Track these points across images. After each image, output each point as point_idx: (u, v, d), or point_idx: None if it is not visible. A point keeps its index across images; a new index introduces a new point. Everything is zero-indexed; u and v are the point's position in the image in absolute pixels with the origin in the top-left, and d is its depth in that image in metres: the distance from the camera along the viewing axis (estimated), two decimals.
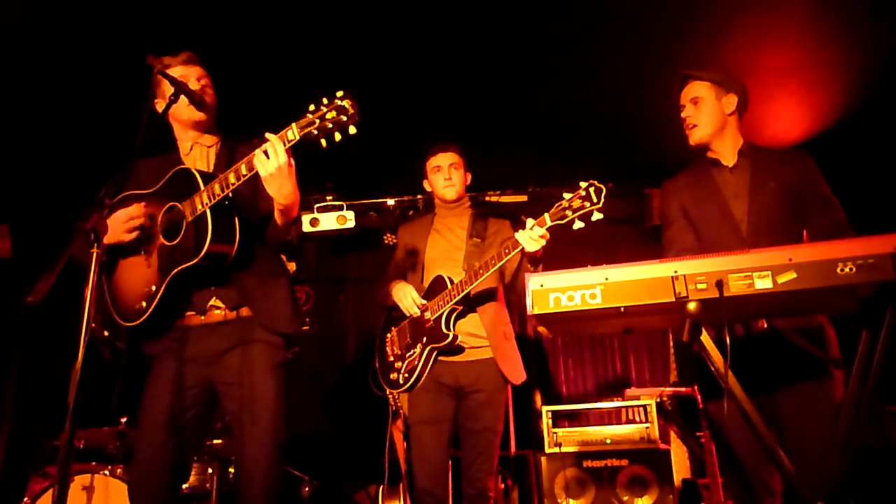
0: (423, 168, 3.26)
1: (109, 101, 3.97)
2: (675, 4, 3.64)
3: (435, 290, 2.97)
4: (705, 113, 2.48)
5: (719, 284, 1.59)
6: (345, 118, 1.99)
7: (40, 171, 5.00)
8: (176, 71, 2.35)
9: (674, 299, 1.62)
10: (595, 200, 2.44)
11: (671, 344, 5.24)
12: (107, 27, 3.61)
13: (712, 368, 1.76)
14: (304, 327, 5.89)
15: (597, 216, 2.43)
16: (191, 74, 2.38)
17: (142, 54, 2.27)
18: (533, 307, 1.66)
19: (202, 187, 2.16)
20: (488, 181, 5.67)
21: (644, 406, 4.34)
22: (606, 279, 1.65)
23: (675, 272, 1.63)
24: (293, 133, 2.03)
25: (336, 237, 5.76)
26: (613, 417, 4.94)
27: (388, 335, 3.16)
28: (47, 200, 5.14)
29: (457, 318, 2.93)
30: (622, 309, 1.64)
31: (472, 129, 4.82)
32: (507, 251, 2.66)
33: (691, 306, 1.61)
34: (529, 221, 2.58)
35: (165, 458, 2.20)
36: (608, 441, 4.27)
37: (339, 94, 2.01)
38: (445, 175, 3.15)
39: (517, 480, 4.50)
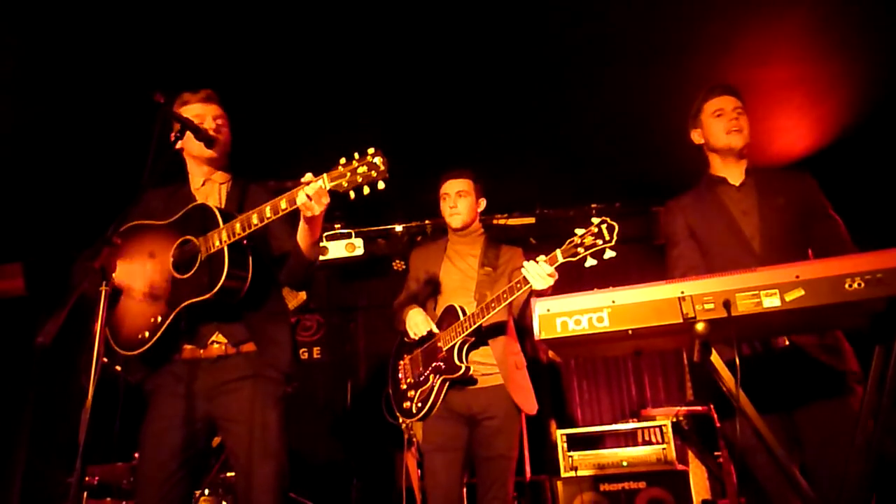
0: (438, 191, 3.24)
1: (121, 141, 4.03)
2: (677, 23, 3.68)
3: (447, 319, 2.96)
4: (748, 124, 2.52)
5: (727, 304, 1.58)
6: (375, 174, 2.04)
7: (53, 210, 5.07)
8: (194, 108, 2.41)
9: (681, 320, 1.61)
10: (607, 238, 2.41)
11: (686, 363, 5.20)
12: (121, 66, 3.70)
13: (723, 388, 1.74)
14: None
15: (609, 254, 2.40)
16: (208, 113, 2.43)
17: (153, 92, 2.31)
18: (540, 332, 1.65)
19: (221, 224, 2.19)
20: (495, 204, 5.66)
21: (660, 427, 4.29)
22: (613, 302, 1.64)
23: (682, 293, 1.62)
24: (324, 183, 2.08)
25: (345, 265, 5.78)
26: (629, 439, 4.87)
27: (401, 362, 3.14)
28: (60, 239, 5.20)
29: (469, 350, 2.92)
30: (630, 331, 1.63)
31: (478, 152, 4.86)
32: (518, 286, 2.65)
33: (699, 327, 1.60)
34: (541, 258, 2.57)
35: (170, 494, 2.19)
36: (625, 463, 4.22)
37: (371, 150, 2.06)
38: (451, 203, 3.14)
39: None
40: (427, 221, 5.85)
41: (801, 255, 2.31)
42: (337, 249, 5.62)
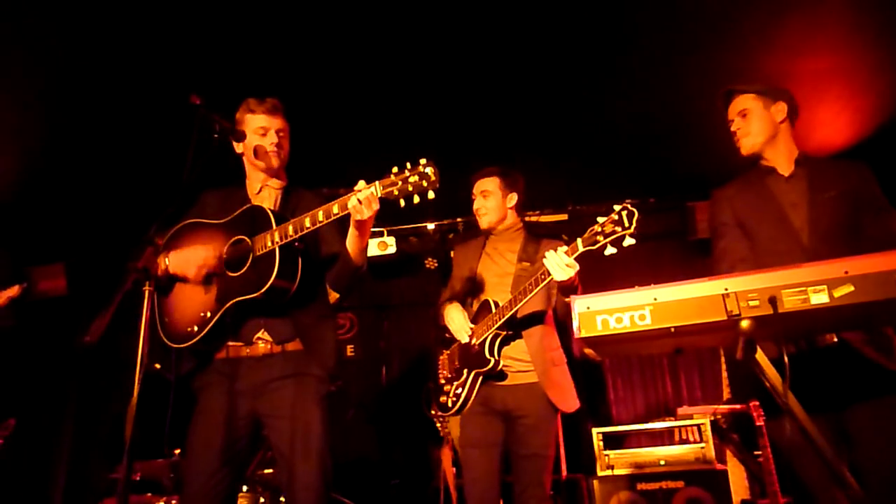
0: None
1: (161, 141, 4.10)
2: (713, 14, 3.60)
3: (481, 314, 2.96)
4: (754, 122, 2.45)
5: (773, 301, 1.54)
6: (426, 184, 2.09)
7: (93, 211, 5.18)
8: (259, 119, 2.48)
9: (726, 318, 1.57)
10: (627, 225, 2.37)
11: (723, 360, 5.11)
12: (162, 69, 3.77)
13: (768, 386, 1.70)
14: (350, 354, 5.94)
15: (629, 241, 2.37)
16: (272, 127, 2.50)
17: (189, 94, 2.36)
18: (580, 330, 1.63)
19: (274, 226, 2.25)
20: (527, 201, 5.61)
21: (698, 425, 4.23)
22: (655, 299, 1.61)
23: (726, 290, 1.58)
24: (376, 190, 2.14)
25: (377, 263, 5.80)
26: (666, 438, 4.81)
27: (441, 358, 3.16)
28: (100, 239, 5.31)
29: (501, 344, 2.91)
30: (672, 329, 1.60)
31: (510, 148, 4.82)
32: (543, 276, 2.64)
33: (744, 324, 1.56)
34: (561, 248, 2.56)
35: (217, 489, 2.25)
36: (662, 462, 4.17)
37: (423, 161, 2.11)
38: (477, 204, 3.17)
39: None
40: (459, 219, 5.84)
41: (853, 248, 2.22)
42: (369, 248, 5.63)
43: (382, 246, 5.63)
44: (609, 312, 1.63)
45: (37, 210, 5.12)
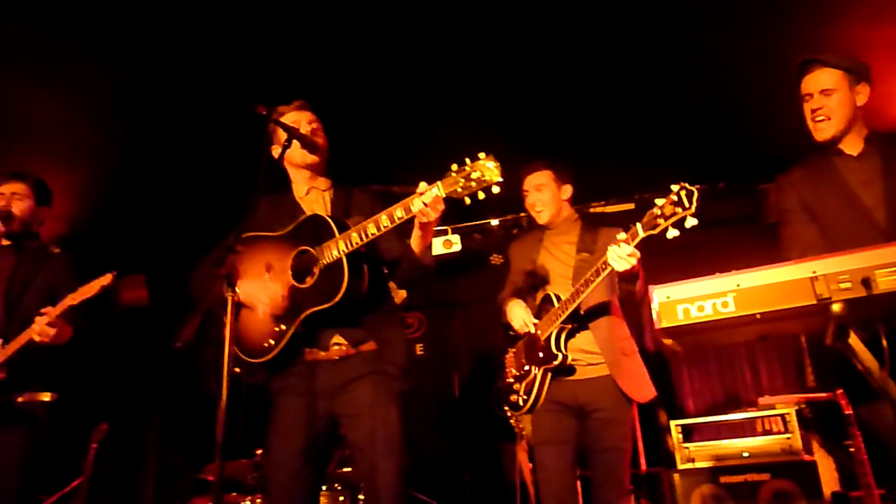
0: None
1: (227, 152, 4.23)
2: None
3: (544, 309, 2.94)
4: (839, 106, 2.29)
5: (866, 282, 1.47)
6: (488, 178, 2.06)
7: (170, 222, 5.39)
8: (289, 117, 2.52)
9: (815, 302, 1.51)
10: (687, 205, 2.26)
11: (805, 347, 4.91)
12: (227, 85, 3.91)
13: (861, 369, 1.62)
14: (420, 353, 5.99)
15: (691, 222, 2.25)
16: (303, 119, 2.55)
17: (255, 104, 2.42)
18: (661, 320, 1.60)
19: (336, 235, 2.28)
20: (592, 191, 5.54)
21: (782, 415, 4.07)
22: (738, 285, 1.56)
23: (814, 272, 1.52)
24: (439, 190, 2.13)
25: (443, 262, 5.82)
26: (747, 429, 4.65)
27: (507, 356, 3.15)
28: (177, 250, 5.51)
29: (567, 337, 2.88)
30: (758, 316, 1.55)
31: (571, 138, 4.75)
32: (603, 267, 2.59)
33: (836, 308, 1.50)
34: (620, 235, 2.49)
35: (301, 489, 2.31)
36: (746, 454, 4.03)
37: (482, 155, 2.09)
38: (532, 200, 3.14)
39: (650, 499, 4.33)
40: (522, 214, 5.79)
41: None
42: (434, 247, 5.65)
43: (447, 244, 5.65)
44: (690, 301, 1.59)
45: (118, 224, 5.35)
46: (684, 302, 1.59)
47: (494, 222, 5.93)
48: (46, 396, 2.86)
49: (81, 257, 3.13)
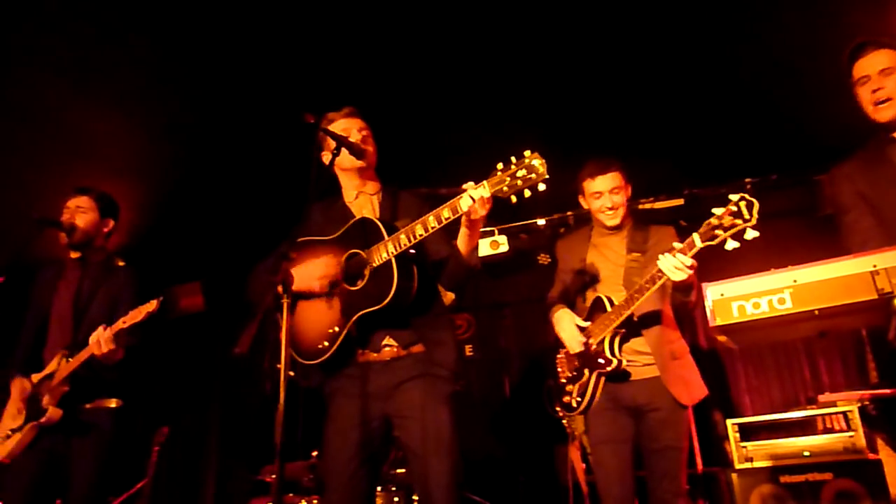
0: (580, 185, 3.09)
1: (281, 160, 4.32)
2: None
3: (595, 312, 2.91)
4: None
5: None
6: (535, 176, 2.06)
7: (224, 232, 5.53)
8: (339, 124, 2.58)
9: (876, 296, 1.47)
10: (748, 217, 2.22)
11: (867, 342, 4.75)
12: (279, 94, 4.01)
13: None
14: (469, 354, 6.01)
15: (751, 234, 2.21)
16: (352, 126, 2.60)
17: (303, 113, 2.48)
18: (715, 318, 1.58)
19: (386, 237, 2.32)
20: (640, 187, 5.41)
21: (844, 413, 3.94)
22: (795, 281, 1.54)
23: (875, 266, 1.49)
24: (485, 190, 2.14)
25: (490, 262, 5.82)
26: (807, 428, 4.52)
27: (559, 356, 3.13)
28: (231, 257, 5.66)
29: (622, 342, 2.85)
30: (816, 312, 1.52)
31: (617, 132, 4.69)
32: (659, 275, 2.57)
33: None
34: (676, 245, 2.46)
35: (357, 490, 2.35)
36: (807, 454, 3.92)
37: (528, 153, 2.09)
38: (608, 203, 2.98)
39: (708, 499, 4.25)
40: (569, 213, 5.75)
41: None
42: (482, 248, 5.66)
43: (494, 245, 5.65)
44: (745, 298, 1.57)
45: (175, 233, 5.52)
46: (739, 299, 1.57)
47: (541, 222, 5.90)
48: (112, 403, 2.98)
49: (141, 266, 3.25)
